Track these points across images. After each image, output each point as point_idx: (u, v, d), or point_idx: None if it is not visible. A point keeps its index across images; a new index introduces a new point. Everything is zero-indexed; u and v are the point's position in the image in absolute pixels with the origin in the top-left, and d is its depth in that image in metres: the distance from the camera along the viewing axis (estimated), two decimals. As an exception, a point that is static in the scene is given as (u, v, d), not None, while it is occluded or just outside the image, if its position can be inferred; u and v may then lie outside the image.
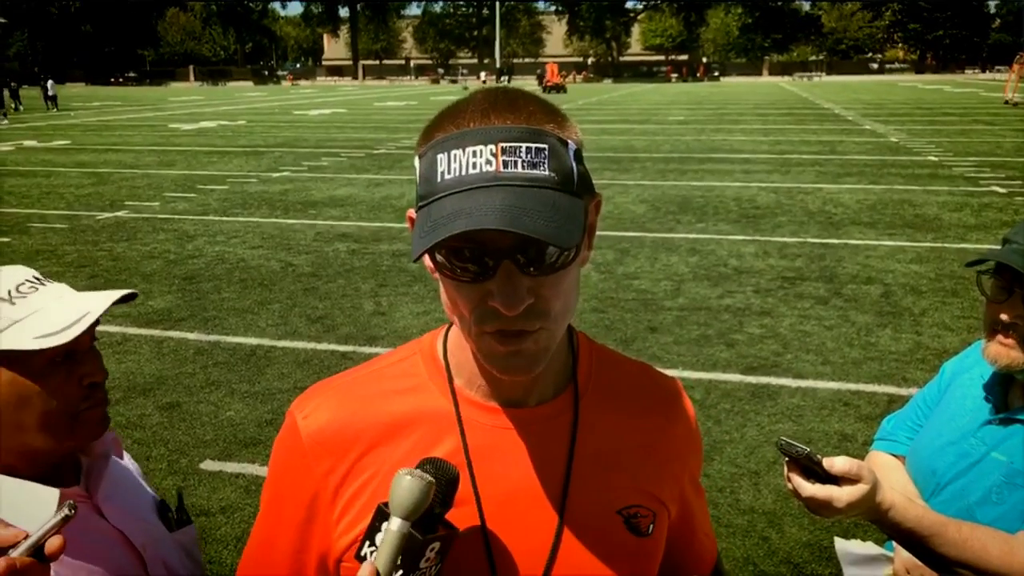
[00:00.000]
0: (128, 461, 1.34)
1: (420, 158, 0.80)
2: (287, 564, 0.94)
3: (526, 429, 0.90)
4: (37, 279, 1.16)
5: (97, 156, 16.86)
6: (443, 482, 0.80)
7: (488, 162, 0.75)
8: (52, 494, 1.00)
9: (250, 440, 4.18)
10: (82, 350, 1.15)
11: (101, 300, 1.17)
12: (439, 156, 0.77)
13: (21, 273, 1.15)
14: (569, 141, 0.79)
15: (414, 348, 0.97)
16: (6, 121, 27.46)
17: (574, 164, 0.79)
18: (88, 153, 17.45)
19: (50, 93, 34.11)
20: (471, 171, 0.75)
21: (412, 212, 0.84)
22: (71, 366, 1.13)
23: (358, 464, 0.89)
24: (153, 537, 1.23)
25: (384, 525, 0.79)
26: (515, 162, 0.75)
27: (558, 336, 0.83)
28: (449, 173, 0.76)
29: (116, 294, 1.19)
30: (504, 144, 0.75)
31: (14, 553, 0.82)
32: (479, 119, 0.78)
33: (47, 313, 1.11)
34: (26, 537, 0.84)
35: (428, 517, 0.79)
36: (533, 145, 0.76)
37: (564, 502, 0.89)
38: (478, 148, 0.76)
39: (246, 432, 4.27)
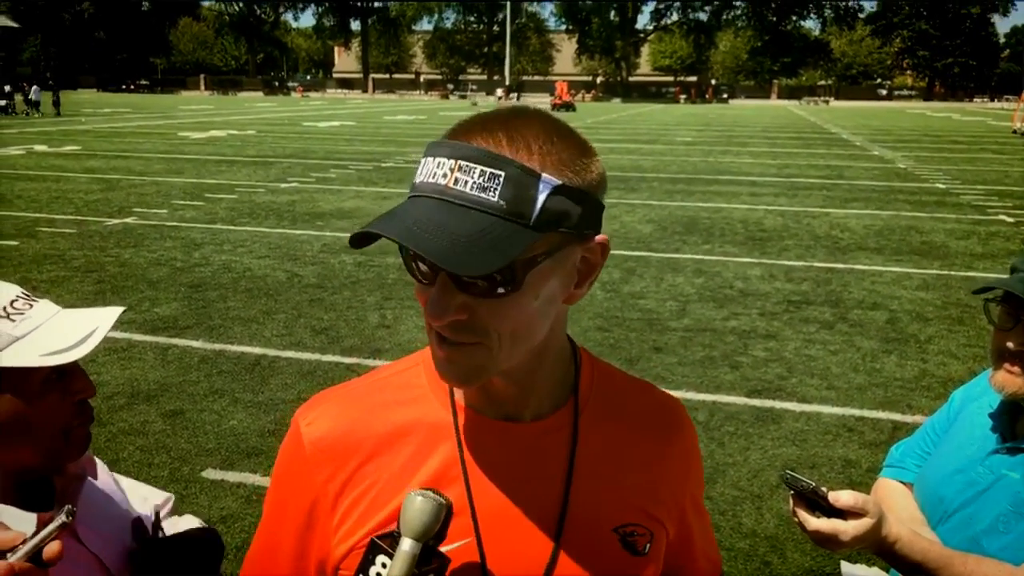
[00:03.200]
0: (103, 475, 1.31)
1: None
2: (287, 570, 0.95)
3: (524, 443, 0.91)
4: (27, 295, 1.14)
5: (106, 162, 16.95)
6: None
7: (444, 176, 0.77)
8: (29, 519, 0.99)
9: (252, 450, 4.17)
10: (71, 367, 1.13)
11: (106, 316, 1.15)
12: (423, 160, 0.81)
13: (10, 289, 1.13)
14: (545, 174, 0.77)
15: (417, 359, 0.98)
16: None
17: (540, 197, 0.77)
18: (98, 159, 17.55)
19: (32, 98, 34.39)
20: (428, 180, 0.79)
21: None
22: (65, 383, 1.13)
23: (358, 472, 0.90)
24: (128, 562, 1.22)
25: (379, 559, 0.79)
26: (465, 181, 0.76)
27: (500, 359, 0.82)
28: (418, 177, 0.80)
29: (116, 310, 1.18)
30: (462, 162, 0.77)
31: (12, 558, 0.83)
32: (466, 133, 0.80)
33: (49, 329, 1.10)
34: (24, 542, 0.84)
35: (423, 549, 0.79)
36: (488, 169, 0.76)
37: (562, 518, 0.89)
38: (442, 160, 0.78)
39: (248, 442, 4.26)
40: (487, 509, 0.88)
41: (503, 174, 0.76)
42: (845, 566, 1.69)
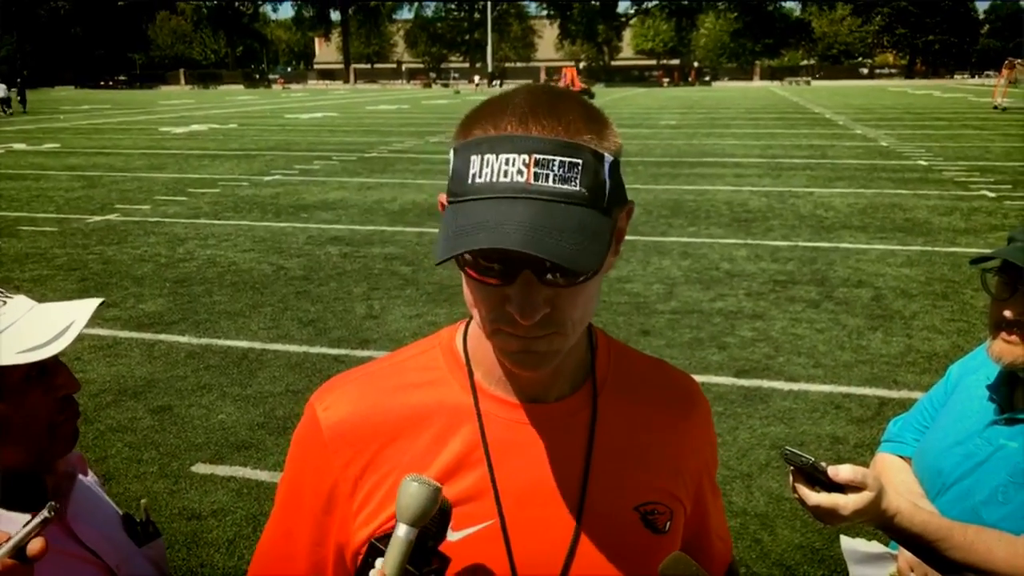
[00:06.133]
0: (90, 476, 1.31)
1: (455, 152, 0.80)
2: (305, 556, 0.94)
3: (545, 424, 0.91)
4: (1, 292, 1.12)
5: (87, 159, 16.78)
6: (438, 513, 0.80)
7: (520, 172, 0.74)
8: (22, 520, 0.97)
9: (241, 443, 4.16)
10: (51, 363, 1.11)
11: (83, 309, 1.13)
12: (473, 157, 0.77)
13: None
14: (605, 154, 0.78)
15: (433, 342, 0.97)
16: None
17: (607, 179, 0.78)
18: (78, 156, 17.37)
19: (1, 95, 34.08)
20: (502, 179, 0.75)
21: (443, 197, 0.84)
22: (46, 380, 1.11)
23: (378, 457, 0.90)
24: (125, 555, 1.21)
25: (379, 562, 0.78)
26: (547, 175, 0.74)
27: (572, 340, 0.83)
28: (480, 177, 0.76)
29: (94, 302, 1.15)
30: (538, 156, 0.75)
31: None
32: (517, 124, 0.77)
33: (25, 326, 1.07)
34: (7, 539, 0.83)
35: (423, 550, 0.78)
36: (567, 160, 0.75)
37: (583, 498, 0.90)
38: (511, 156, 0.75)
39: (237, 435, 4.25)
40: (510, 491, 0.88)
41: (581, 162, 0.76)
42: (845, 540, 1.69)
